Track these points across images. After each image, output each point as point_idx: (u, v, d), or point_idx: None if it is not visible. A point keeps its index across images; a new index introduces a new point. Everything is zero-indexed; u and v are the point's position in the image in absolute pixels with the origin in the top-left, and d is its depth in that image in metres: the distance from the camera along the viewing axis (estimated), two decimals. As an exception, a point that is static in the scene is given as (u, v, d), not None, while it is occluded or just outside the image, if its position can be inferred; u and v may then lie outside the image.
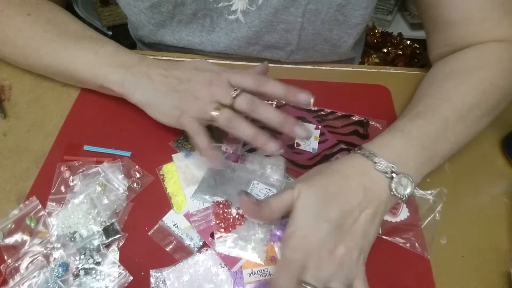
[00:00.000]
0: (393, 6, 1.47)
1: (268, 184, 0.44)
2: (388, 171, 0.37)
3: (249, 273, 0.38)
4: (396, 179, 0.37)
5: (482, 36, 0.48)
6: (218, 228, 0.40)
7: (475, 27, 0.48)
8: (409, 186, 0.37)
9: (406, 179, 0.37)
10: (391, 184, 0.37)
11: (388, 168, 0.37)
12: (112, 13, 1.35)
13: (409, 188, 0.37)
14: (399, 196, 0.37)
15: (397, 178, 0.37)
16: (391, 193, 0.37)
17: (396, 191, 0.37)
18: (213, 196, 0.42)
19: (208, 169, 0.45)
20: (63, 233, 0.39)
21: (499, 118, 0.45)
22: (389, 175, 0.37)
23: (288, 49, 0.55)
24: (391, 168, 0.37)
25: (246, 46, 0.55)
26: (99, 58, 0.46)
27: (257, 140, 0.40)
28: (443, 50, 0.52)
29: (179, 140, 0.48)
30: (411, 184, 0.37)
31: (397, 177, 0.37)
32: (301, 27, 0.51)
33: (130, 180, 0.44)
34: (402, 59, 1.39)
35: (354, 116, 0.52)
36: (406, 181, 0.37)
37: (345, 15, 0.50)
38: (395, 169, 0.37)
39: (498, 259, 0.41)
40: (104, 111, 0.50)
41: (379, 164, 0.37)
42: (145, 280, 0.38)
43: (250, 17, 0.51)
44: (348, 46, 0.55)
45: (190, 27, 0.55)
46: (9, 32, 0.48)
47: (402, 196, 0.37)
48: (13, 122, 0.49)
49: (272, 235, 0.41)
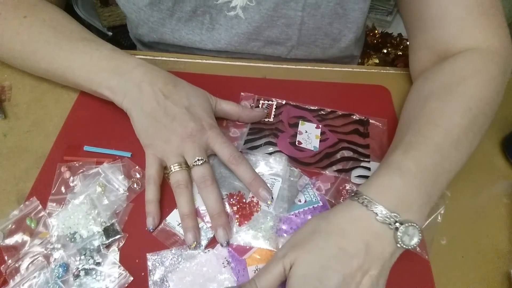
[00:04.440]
0: (393, 6, 1.48)
1: (272, 174, 0.44)
2: (391, 221, 0.34)
3: (254, 270, 0.39)
4: (402, 229, 0.34)
5: (458, 39, 0.47)
6: (238, 218, 0.41)
7: (452, 26, 0.47)
8: (416, 235, 0.34)
9: (412, 228, 0.34)
10: (397, 236, 0.34)
11: (391, 218, 0.34)
12: (112, 13, 1.35)
13: (416, 237, 0.34)
14: (405, 247, 0.34)
15: (402, 228, 0.34)
16: (397, 245, 0.34)
17: (403, 243, 0.34)
18: (221, 188, 0.43)
19: (212, 164, 0.45)
20: (64, 234, 0.39)
21: (499, 118, 0.45)
22: (392, 226, 0.34)
23: (289, 45, 0.55)
24: (394, 217, 0.34)
25: (246, 42, 0.55)
26: (93, 62, 0.46)
27: (183, 222, 0.40)
28: (423, 53, 0.51)
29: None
30: (418, 231, 0.34)
31: (402, 227, 0.34)
32: (301, 21, 0.51)
33: (130, 181, 0.44)
34: (402, 59, 1.39)
35: (354, 115, 0.52)
36: (412, 229, 0.34)
37: (345, 8, 0.51)
38: (399, 218, 0.34)
39: (498, 259, 0.41)
40: (104, 112, 0.50)
41: (381, 215, 0.34)
42: (145, 280, 0.38)
43: (250, 13, 0.51)
44: (349, 40, 0.55)
45: (190, 25, 0.54)
46: (6, 36, 0.48)
47: (409, 246, 0.34)
48: (13, 122, 0.49)
49: (278, 228, 0.41)
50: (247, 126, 0.50)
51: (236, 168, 0.42)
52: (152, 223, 0.40)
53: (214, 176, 0.42)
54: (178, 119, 0.43)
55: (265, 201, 0.41)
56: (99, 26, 1.36)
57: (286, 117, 0.51)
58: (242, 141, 0.48)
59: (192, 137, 0.42)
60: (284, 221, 0.42)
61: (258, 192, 0.41)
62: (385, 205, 0.35)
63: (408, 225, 0.34)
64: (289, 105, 0.52)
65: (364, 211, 0.35)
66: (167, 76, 0.46)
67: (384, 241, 0.34)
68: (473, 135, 0.41)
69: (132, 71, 0.45)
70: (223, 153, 0.43)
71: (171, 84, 0.45)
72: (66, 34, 0.48)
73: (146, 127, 0.43)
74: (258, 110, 0.50)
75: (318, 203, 0.43)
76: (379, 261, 0.33)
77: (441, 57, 0.49)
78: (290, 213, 0.42)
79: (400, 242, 0.34)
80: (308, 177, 0.45)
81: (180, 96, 0.44)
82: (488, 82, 0.44)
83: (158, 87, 0.44)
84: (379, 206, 0.34)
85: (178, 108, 0.43)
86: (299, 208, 0.43)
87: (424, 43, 0.51)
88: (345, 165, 0.47)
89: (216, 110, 0.48)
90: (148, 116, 0.43)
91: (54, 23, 0.49)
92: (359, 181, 0.45)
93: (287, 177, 0.44)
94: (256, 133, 0.49)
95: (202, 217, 0.42)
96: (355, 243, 0.34)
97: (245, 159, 0.43)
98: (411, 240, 0.34)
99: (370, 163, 0.47)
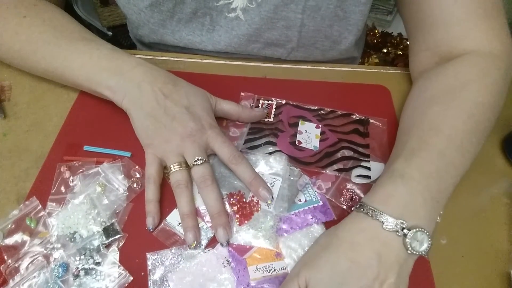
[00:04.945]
0: (393, 6, 1.48)
1: (272, 174, 0.44)
2: (398, 228, 0.34)
3: (255, 269, 0.39)
4: (410, 235, 0.33)
5: (460, 41, 0.47)
6: (238, 218, 0.41)
7: (454, 28, 0.47)
8: (425, 240, 0.34)
9: (420, 233, 0.34)
10: (406, 242, 0.33)
11: (398, 225, 0.34)
12: (112, 13, 1.35)
13: (426, 242, 0.34)
14: (417, 253, 0.34)
15: (410, 234, 0.33)
16: (408, 252, 0.34)
17: (413, 249, 0.33)
18: (221, 188, 0.43)
19: (212, 164, 0.45)
20: (63, 234, 0.39)
21: (499, 118, 0.45)
22: (400, 233, 0.34)
23: (289, 46, 0.55)
24: (400, 224, 0.34)
25: (246, 44, 0.55)
26: (93, 62, 0.46)
27: (183, 222, 0.40)
28: (424, 54, 0.51)
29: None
30: (427, 236, 0.34)
31: (410, 233, 0.33)
32: (301, 23, 0.51)
33: (130, 180, 0.44)
34: (402, 59, 1.39)
35: (354, 115, 0.52)
36: (421, 235, 0.34)
37: (345, 10, 0.51)
38: (406, 224, 0.34)
39: (498, 259, 0.41)
40: (104, 111, 0.50)
41: (387, 223, 0.34)
42: (145, 280, 0.38)
43: (250, 15, 0.51)
44: (349, 42, 0.55)
45: (190, 26, 0.54)
46: (5, 36, 0.48)
47: (420, 252, 0.34)
48: (13, 122, 0.49)
49: (278, 228, 0.41)
50: (247, 126, 0.50)
51: (236, 168, 0.42)
52: (152, 223, 0.40)
53: (214, 175, 0.42)
54: (178, 118, 0.43)
55: (265, 200, 0.41)
56: (99, 26, 1.36)
57: (286, 116, 0.51)
58: (242, 140, 0.48)
59: (192, 137, 0.42)
60: (284, 220, 0.42)
61: (258, 192, 0.41)
62: (390, 213, 0.34)
63: (416, 231, 0.33)
64: (289, 104, 0.52)
65: (370, 221, 0.35)
66: (167, 76, 0.46)
67: (394, 248, 0.34)
68: (476, 140, 0.41)
69: (132, 70, 0.45)
70: (223, 152, 0.43)
71: (171, 84, 0.45)
72: (66, 34, 0.48)
73: (146, 127, 0.43)
74: (258, 110, 0.50)
75: (318, 202, 0.43)
76: (394, 269, 0.33)
77: (443, 58, 0.49)
78: (290, 213, 0.42)
79: (410, 248, 0.33)
80: (308, 177, 0.45)
81: (180, 96, 0.44)
82: (490, 87, 0.44)
83: (158, 87, 0.44)
84: (384, 215, 0.34)
85: (178, 107, 0.43)
86: (299, 207, 0.43)
87: (425, 45, 0.51)
88: (345, 164, 0.47)
89: (216, 110, 0.48)
90: (148, 115, 0.43)
91: (54, 23, 0.49)
92: (359, 181, 0.45)
93: (287, 177, 0.44)
94: (256, 132, 0.49)
95: (202, 217, 0.42)
96: (366, 254, 0.33)
97: (245, 158, 0.43)
98: (421, 246, 0.34)
99: (370, 162, 0.47)
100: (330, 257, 0.34)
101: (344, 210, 0.43)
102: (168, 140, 0.42)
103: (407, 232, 0.33)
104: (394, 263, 0.33)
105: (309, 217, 0.42)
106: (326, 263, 0.34)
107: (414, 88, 0.51)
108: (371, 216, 0.35)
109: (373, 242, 0.34)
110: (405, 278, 0.34)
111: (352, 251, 0.34)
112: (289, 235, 0.41)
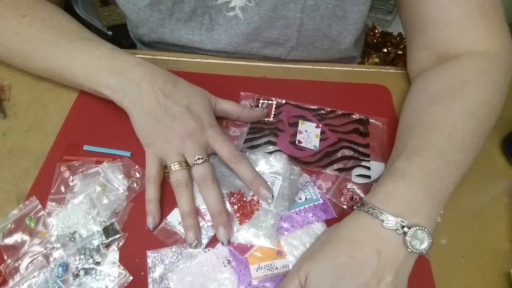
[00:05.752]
0: (393, 6, 1.48)
1: (273, 173, 0.44)
2: (398, 227, 0.34)
3: (256, 268, 0.39)
4: (410, 233, 0.33)
5: (459, 40, 0.47)
6: (239, 217, 0.41)
7: (451, 28, 0.47)
8: (425, 239, 0.34)
9: (420, 231, 0.34)
10: (406, 240, 0.33)
11: (398, 224, 0.34)
12: (112, 13, 1.35)
13: (426, 241, 0.34)
14: (417, 252, 0.34)
15: (410, 232, 0.33)
16: (408, 250, 0.34)
17: (413, 247, 0.33)
18: (222, 187, 0.43)
19: (213, 163, 0.45)
20: (63, 233, 0.39)
21: (499, 118, 0.45)
22: (400, 232, 0.34)
23: (288, 46, 0.55)
24: (400, 222, 0.34)
25: (246, 43, 0.55)
26: (93, 61, 0.46)
27: (184, 221, 0.40)
28: (422, 53, 0.51)
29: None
30: (427, 234, 0.34)
31: (410, 231, 0.33)
32: (301, 22, 0.51)
33: (130, 180, 0.44)
34: (402, 59, 1.39)
35: (354, 115, 0.52)
36: (421, 233, 0.34)
37: (344, 10, 0.51)
38: (406, 222, 0.34)
39: (498, 259, 0.41)
40: (104, 111, 0.50)
41: (387, 221, 0.34)
42: (145, 279, 0.38)
43: (249, 14, 0.51)
44: (348, 42, 0.55)
45: (189, 25, 0.54)
46: (5, 35, 0.48)
47: (420, 251, 0.34)
48: (12, 122, 0.49)
49: (279, 227, 0.41)
50: (247, 126, 0.50)
51: (237, 167, 0.42)
52: (152, 222, 0.40)
53: (214, 175, 0.42)
54: (178, 118, 0.43)
55: (265, 199, 0.41)
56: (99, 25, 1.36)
57: (286, 116, 0.51)
58: (242, 140, 0.48)
59: (192, 136, 0.42)
60: (285, 219, 0.42)
61: (259, 191, 0.41)
62: (391, 211, 0.35)
63: (416, 229, 0.34)
64: (289, 104, 0.52)
65: (370, 219, 0.35)
66: (167, 75, 0.46)
67: (394, 246, 0.34)
68: (477, 139, 0.41)
69: (132, 70, 0.45)
70: (223, 152, 0.43)
71: (171, 83, 0.45)
72: (65, 34, 0.48)
73: (146, 126, 0.43)
74: (258, 110, 0.50)
75: (319, 200, 0.43)
76: (392, 267, 0.33)
77: (440, 58, 0.49)
78: (291, 211, 0.42)
79: (410, 246, 0.33)
80: (308, 175, 0.45)
81: (180, 95, 0.44)
82: (490, 85, 0.44)
83: (158, 86, 0.44)
84: (384, 213, 0.34)
85: (178, 107, 0.43)
86: (299, 206, 0.43)
87: (423, 44, 0.51)
88: (345, 164, 0.47)
89: (216, 110, 0.48)
90: (148, 115, 0.43)
91: (54, 22, 0.49)
92: (359, 180, 0.45)
93: (288, 175, 0.44)
94: (256, 132, 0.49)
95: (202, 216, 0.42)
96: (366, 251, 0.33)
97: (245, 157, 0.43)
98: (422, 244, 0.34)
99: (370, 162, 0.47)
100: (330, 251, 0.34)
101: (344, 210, 0.43)
102: (168, 139, 0.42)
103: (407, 230, 0.34)
104: (393, 262, 0.33)
105: (310, 215, 0.42)
106: (326, 256, 0.34)
107: (413, 87, 0.51)
108: (372, 215, 0.35)
109: (373, 240, 0.34)
110: (404, 277, 0.34)
111: (352, 247, 0.34)
112: (290, 233, 0.41)
